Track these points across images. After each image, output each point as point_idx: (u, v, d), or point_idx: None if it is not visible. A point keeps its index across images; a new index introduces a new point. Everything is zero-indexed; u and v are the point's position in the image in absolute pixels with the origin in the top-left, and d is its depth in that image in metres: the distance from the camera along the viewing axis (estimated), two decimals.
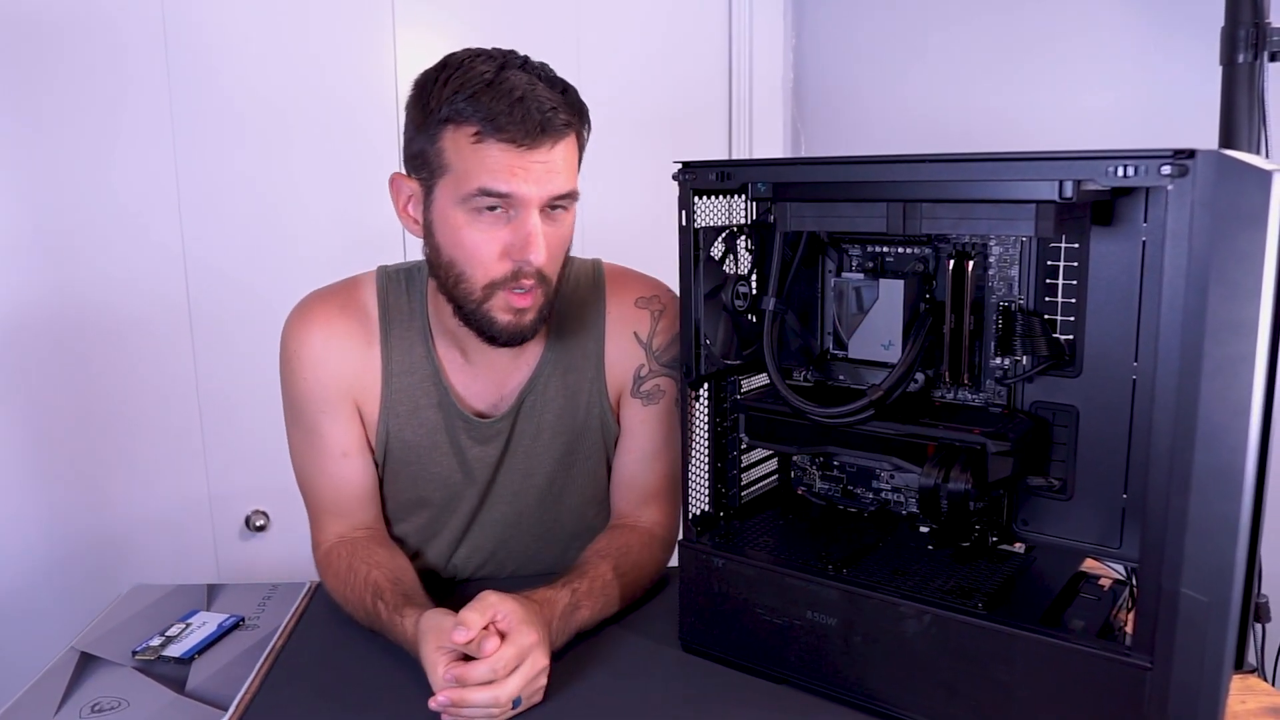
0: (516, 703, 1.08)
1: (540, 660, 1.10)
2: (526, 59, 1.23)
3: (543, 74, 1.22)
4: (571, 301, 1.44)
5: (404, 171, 1.29)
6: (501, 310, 1.26)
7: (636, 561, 1.35)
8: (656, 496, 1.46)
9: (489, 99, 1.16)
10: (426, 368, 1.40)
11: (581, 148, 1.28)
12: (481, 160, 1.18)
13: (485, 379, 1.42)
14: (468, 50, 1.23)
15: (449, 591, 1.42)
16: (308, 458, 1.42)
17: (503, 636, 1.09)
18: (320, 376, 1.37)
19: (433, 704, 1.06)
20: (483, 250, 1.23)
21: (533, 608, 1.15)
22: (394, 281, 1.42)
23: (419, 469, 1.42)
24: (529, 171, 1.18)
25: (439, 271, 1.28)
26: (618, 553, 1.34)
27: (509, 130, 1.16)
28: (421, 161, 1.24)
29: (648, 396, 1.44)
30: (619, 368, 1.45)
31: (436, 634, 1.11)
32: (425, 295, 1.40)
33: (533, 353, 1.42)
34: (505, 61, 1.20)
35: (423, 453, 1.41)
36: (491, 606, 1.11)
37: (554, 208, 1.24)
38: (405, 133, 1.27)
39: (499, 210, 1.21)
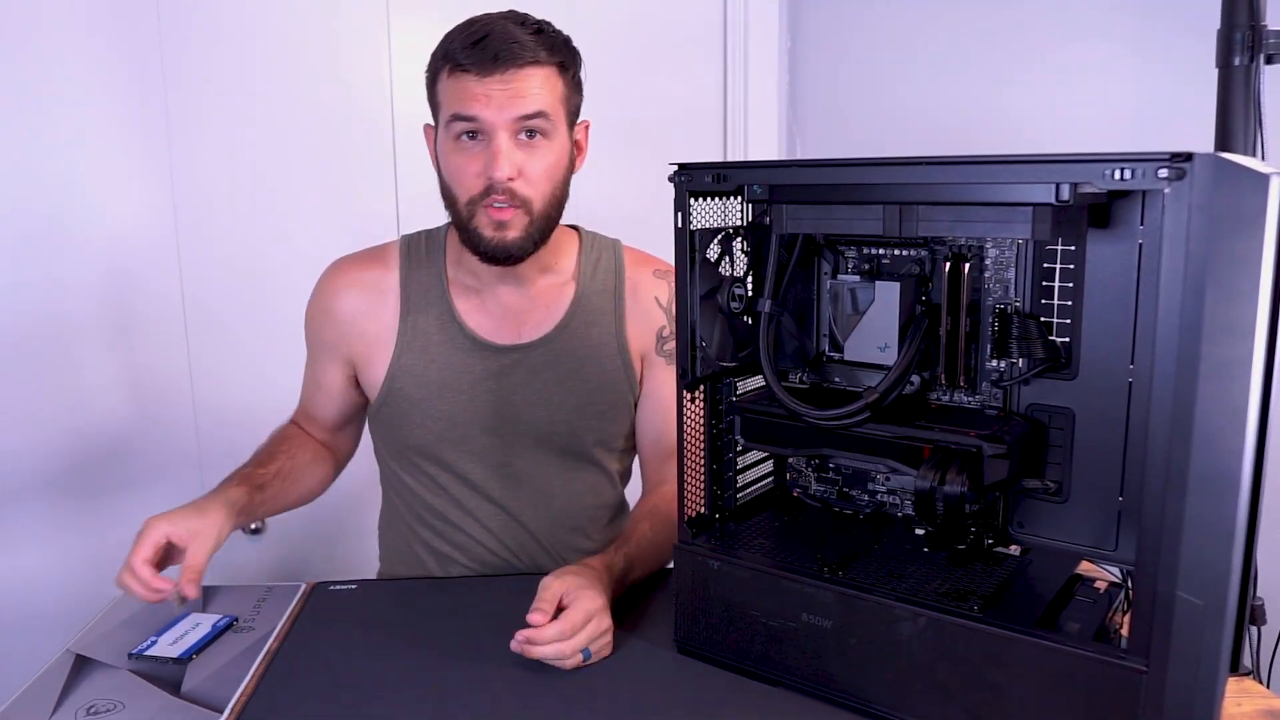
0: (587, 655, 1.20)
1: (604, 620, 1.23)
2: (527, 15, 1.41)
3: (524, 20, 1.39)
4: (595, 269, 1.59)
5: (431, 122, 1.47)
6: (485, 226, 1.41)
7: (667, 515, 1.42)
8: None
9: (462, 40, 1.35)
10: (443, 306, 1.53)
11: (571, 85, 1.44)
12: (454, 90, 1.37)
13: (499, 317, 1.53)
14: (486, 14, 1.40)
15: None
16: (307, 367, 1.65)
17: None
18: (323, 322, 1.59)
19: (513, 645, 1.19)
20: (462, 171, 1.40)
21: (592, 574, 1.27)
22: (414, 241, 1.60)
23: (428, 403, 1.52)
24: (491, 98, 1.35)
25: (445, 202, 1.46)
26: (651, 514, 1.47)
27: (470, 61, 1.34)
28: (432, 106, 1.45)
29: (671, 356, 1.55)
30: (640, 328, 1.56)
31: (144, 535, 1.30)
32: (444, 247, 1.57)
33: (557, 303, 1.53)
34: (500, 15, 1.39)
35: (432, 385, 1.52)
36: (554, 591, 1.22)
37: (531, 134, 1.39)
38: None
39: (477, 138, 1.38)
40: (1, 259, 2.24)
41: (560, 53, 1.40)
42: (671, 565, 1.27)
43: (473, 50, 1.34)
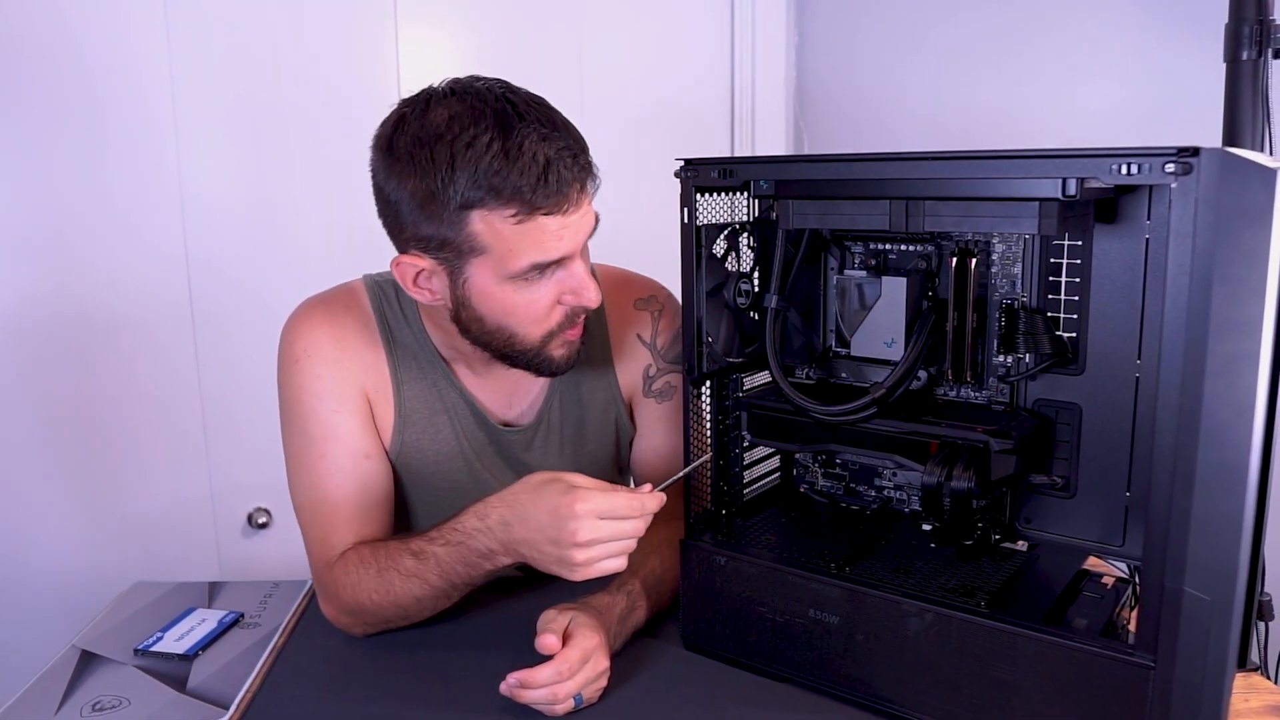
0: (578, 701, 1.11)
1: (601, 662, 1.13)
2: (510, 101, 1.14)
3: (540, 117, 1.15)
4: None
5: (405, 251, 1.21)
6: (558, 348, 1.27)
7: (676, 553, 1.31)
8: (680, 489, 1.45)
9: (516, 177, 1.11)
10: (437, 373, 1.37)
11: None
12: (527, 237, 1.15)
13: (495, 389, 1.41)
14: (446, 112, 1.14)
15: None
16: (318, 466, 1.31)
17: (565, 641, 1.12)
18: (335, 373, 1.32)
19: (503, 689, 1.10)
20: (536, 308, 1.22)
21: (593, 613, 1.17)
22: (384, 291, 1.39)
23: (436, 480, 1.40)
24: (570, 229, 1.17)
25: (482, 337, 1.25)
26: (659, 548, 1.34)
27: (550, 203, 1.13)
28: (439, 244, 1.17)
29: (660, 395, 1.46)
30: (627, 371, 1.46)
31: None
32: (418, 311, 1.37)
33: None
34: (499, 118, 1.12)
35: (441, 461, 1.39)
36: (559, 623, 1.13)
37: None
38: (398, 211, 1.18)
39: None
40: (6, 260, 2.25)
41: (585, 144, 1.20)
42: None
43: (546, 188, 1.12)
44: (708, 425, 1.23)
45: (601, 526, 1.07)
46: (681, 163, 1.13)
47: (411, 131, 1.14)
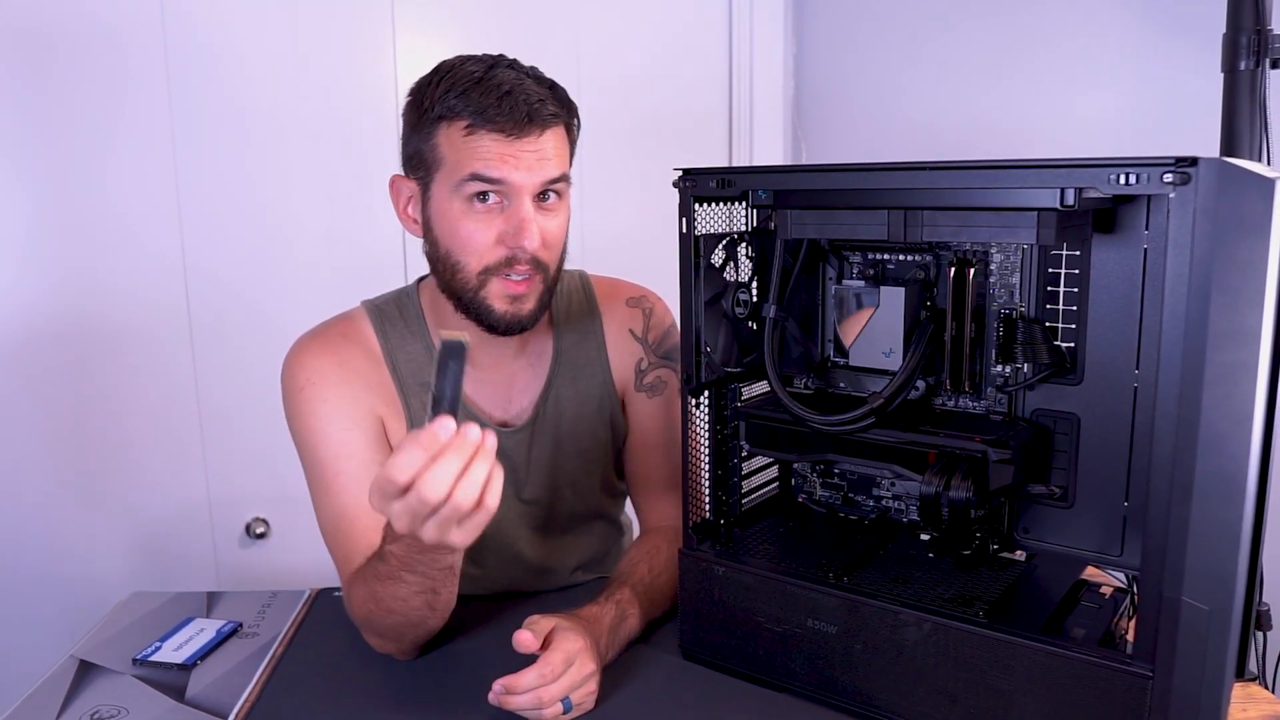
0: (567, 706, 1.10)
1: (587, 665, 1.12)
2: (515, 60, 1.27)
3: (530, 72, 1.27)
4: (568, 312, 1.48)
5: (403, 174, 1.32)
6: (498, 298, 1.28)
7: (669, 557, 1.33)
8: (674, 485, 1.44)
9: (478, 94, 1.21)
10: None
11: (573, 142, 1.32)
12: (473, 149, 1.22)
13: (493, 386, 1.42)
14: (459, 56, 1.27)
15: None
16: (334, 484, 1.31)
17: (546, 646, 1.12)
18: (343, 395, 1.33)
19: (490, 697, 1.09)
20: (477, 238, 1.25)
21: (579, 622, 1.17)
22: (384, 308, 1.42)
23: None
24: (519, 159, 1.22)
25: (437, 265, 1.30)
26: (649, 555, 1.36)
27: (498, 120, 1.20)
28: (418, 161, 1.28)
29: (651, 389, 1.48)
30: (621, 365, 1.48)
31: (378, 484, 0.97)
32: (421, 313, 1.41)
33: (540, 363, 1.44)
34: (495, 62, 1.25)
35: None
36: (542, 626, 1.14)
37: (546, 195, 1.27)
38: (402, 137, 1.30)
39: (493, 200, 1.24)
40: (3, 268, 2.25)
41: (569, 109, 1.29)
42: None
43: (498, 107, 1.20)
44: (704, 437, 1.23)
45: (403, 461, 0.93)
46: (680, 173, 1.14)
47: (433, 68, 1.28)
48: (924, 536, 1.20)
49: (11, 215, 2.24)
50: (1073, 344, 1.04)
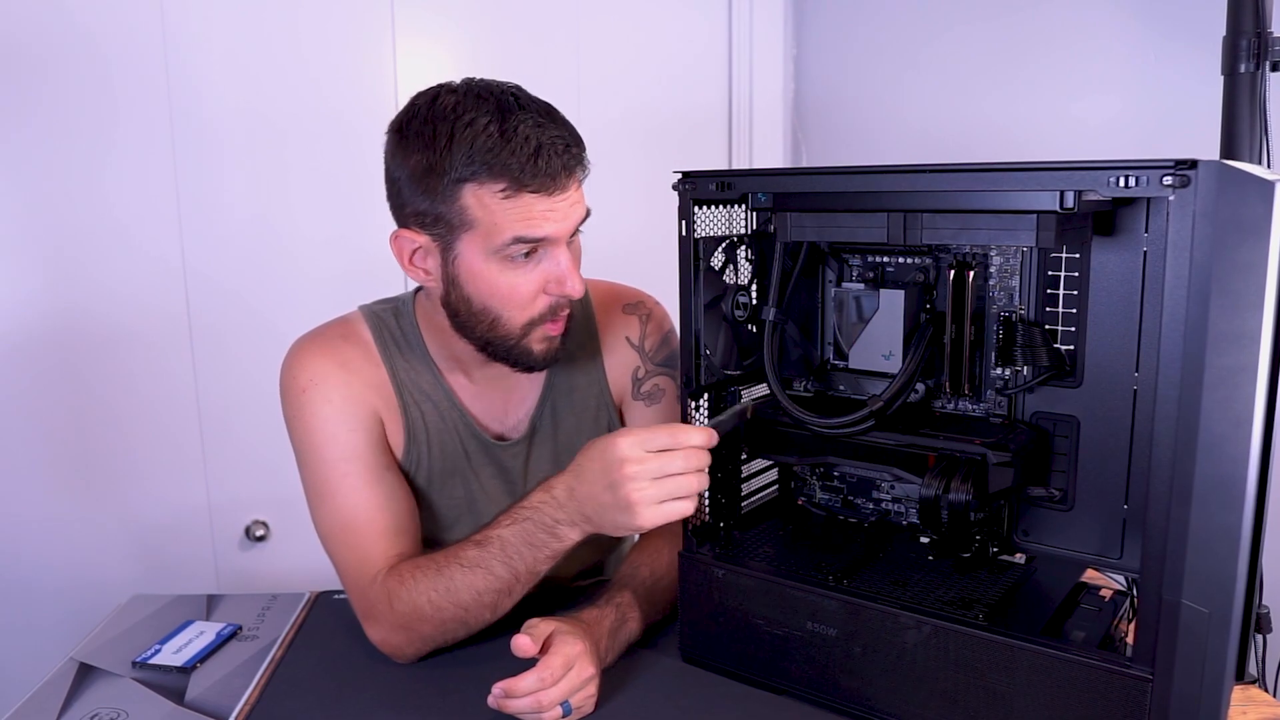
0: (567, 710, 1.10)
1: (586, 669, 1.12)
2: (517, 91, 1.22)
3: (539, 109, 1.21)
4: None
5: (404, 226, 1.25)
6: (538, 341, 1.28)
7: (669, 560, 1.33)
8: None
9: (507, 154, 1.16)
10: (439, 393, 1.38)
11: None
12: (512, 213, 1.18)
13: (490, 399, 1.41)
14: (449, 95, 1.20)
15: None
16: (343, 486, 1.31)
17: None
18: (346, 394, 1.32)
19: (489, 700, 1.09)
20: (520, 292, 1.23)
21: (578, 625, 1.17)
22: (382, 316, 1.41)
23: (439, 495, 1.40)
24: (556, 212, 1.20)
25: (468, 319, 1.27)
26: (650, 558, 1.36)
27: (536, 182, 1.17)
28: (434, 219, 1.21)
29: (649, 397, 1.46)
30: (618, 374, 1.47)
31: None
32: (417, 325, 1.39)
33: (536, 375, 1.42)
34: (502, 106, 1.18)
35: (445, 478, 1.39)
36: (540, 630, 1.13)
37: (572, 234, 1.25)
38: (400, 188, 1.23)
39: (530, 253, 1.21)
40: (3, 273, 2.25)
41: (579, 140, 1.24)
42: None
43: (533, 168, 1.16)
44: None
45: (648, 459, 1.08)
46: (679, 175, 1.14)
47: (420, 115, 1.20)
48: (924, 539, 1.20)
49: (12, 219, 2.24)
50: (1072, 347, 1.04)
